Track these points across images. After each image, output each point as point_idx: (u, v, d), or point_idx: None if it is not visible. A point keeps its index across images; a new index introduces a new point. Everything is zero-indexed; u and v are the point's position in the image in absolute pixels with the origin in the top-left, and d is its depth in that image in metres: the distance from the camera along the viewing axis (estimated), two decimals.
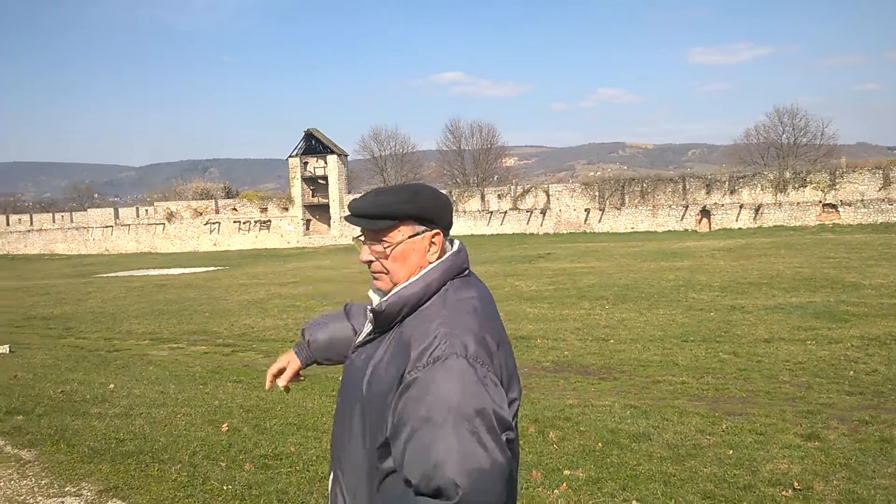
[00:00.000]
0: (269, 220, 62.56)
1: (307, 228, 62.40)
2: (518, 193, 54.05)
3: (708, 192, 47.75)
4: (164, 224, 64.80)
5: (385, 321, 1.72)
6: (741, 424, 6.02)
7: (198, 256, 52.99)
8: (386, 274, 1.75)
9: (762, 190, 45.93)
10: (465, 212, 55.77)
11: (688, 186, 48.60)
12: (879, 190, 43.18)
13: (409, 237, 1.73)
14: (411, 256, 1.74)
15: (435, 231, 1.76)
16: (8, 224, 70.06)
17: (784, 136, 66.23)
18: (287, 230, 62.04)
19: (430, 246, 1.75)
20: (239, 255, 51.95)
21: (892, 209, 41.33)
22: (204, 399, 7.53)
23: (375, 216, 1.74)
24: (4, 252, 67.76)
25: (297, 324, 13.98)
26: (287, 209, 62.47)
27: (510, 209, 53.47)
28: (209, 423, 6.38)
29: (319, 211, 62.66)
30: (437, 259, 1.76)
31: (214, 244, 62.93)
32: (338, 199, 60.65)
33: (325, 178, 61.81)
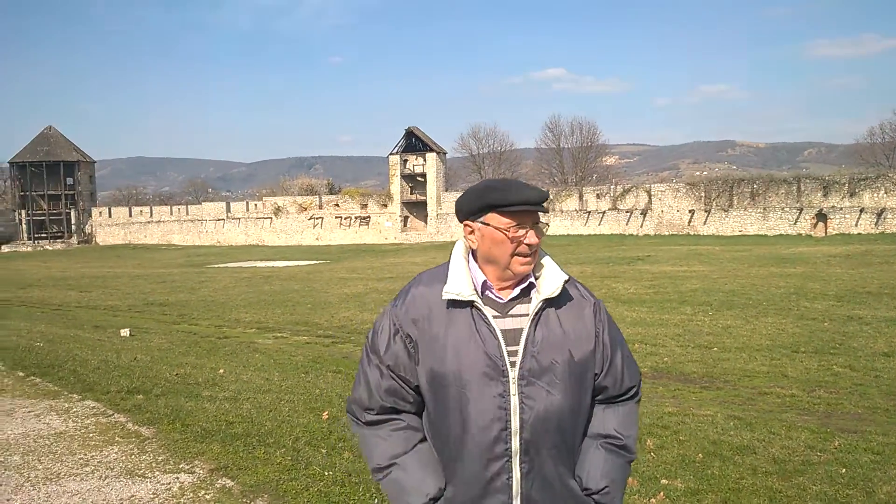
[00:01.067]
0: (369, 217, 64.14)
1: (404, 225, 63.53)
2: (618, 193, 52.79)
3: (825, 195, 44.90)
4: (271, 218, 67.74)
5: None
6: (856, 442, 5.65)
7: (301, 250, 55.10)
8: (537, 252, 1.94)
9: (886, 193, 42.72)
10: (562, 211, 55.04)
11: (803, 188, 45.88)
12: None
13: None
14: None
15: None
16: (130, 215, 75.42)
17: None
18: (385, 226, 63.39)
19: None
20: (339, 249, 53.57)
21: None
22: (305, 387, 7.83)
23: (546, 199, 1.93)
24: (126, 241, 72.96)
25: None
26: (386, 206, 63.82)
27: (609, 209, 52.33)
28: (311, 410, 6.63)
29: (417, 208, 63.63)
30: None
31: (317, 238, 65.20)
32: (435, 197, 61.36)
33: (423, 175, 62.68)
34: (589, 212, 53.65)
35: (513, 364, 1.87)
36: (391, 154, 64.32)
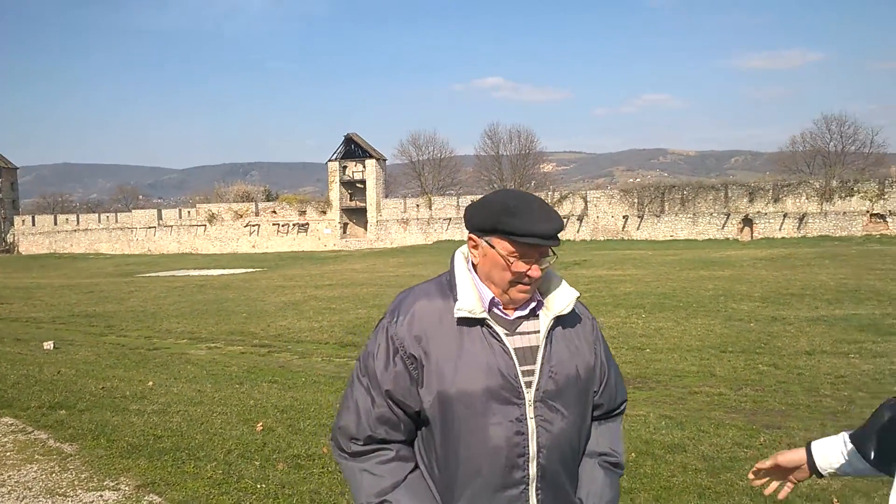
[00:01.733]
0: (307, 224, 63.35)
1: (344, 232, 63.02)
2: (555, 199, 53.72)
3: (751, 201, 46.81)
4: (205, 226, 66.09)
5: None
6: (780, 438, 5.88)
7: (237, 258, 53.93)
8: (537, 283, 1.82)
9: (807, 199, 44.87)
10: None
11: (730, 194, 47.72)
12: None
13: None
14: None
15: None
16: (55, 223, 72.28)
17: (831, 143, 64.82)
18: (324, 233, 62.72)
19: None
20: (277, 257, 52.67)
21: None
22: (240, 398, 7.64)
23: (561, 230, 1.80)
24: (52, 251, 69.90)
25: (333, 326, 14.12)
26: (325, 212, 63.17)
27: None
28: (244, 422, 6.47)
29: (356, 214, 63.22)
30: None
31: (253, 246, 63.96)
32: (375, 203, 61.10)
33: (363, 182, 62.35)
34: None
35: (528, 385, 1.77)
36: (330, 160, 63.76)
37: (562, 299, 1.85)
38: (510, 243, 1.75)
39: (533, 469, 1.77)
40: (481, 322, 1.77)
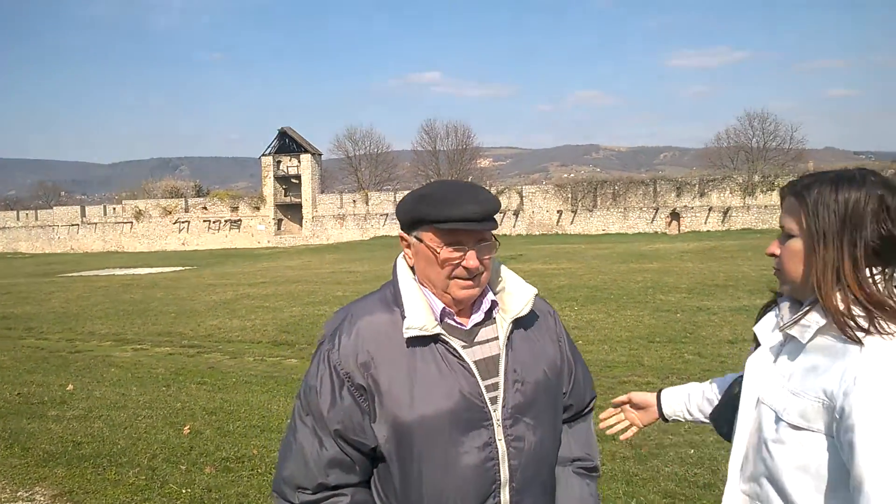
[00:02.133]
0: (240, 220, 61.99)
1: (278, 228, 61.94)
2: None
3: (678, 195, 48.37)
4: (131, 223, 63.85)
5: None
6: (702, 425, 6.08)
7: (165, 256, 52.27)
8: (485, 273, 1.60)
9: (731, 193, 46.68)
10: None
11: (658, 189, 49.20)
12: None
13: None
14: None
15: None
16: None
17: (754, 139, 67.55)
18: (258, 230, 61.50)
19: None
20: (208, 254, 51.33)
21: None
22: (166, 401, 7.40)
23: (495, 213, 1.59)
24: None
25: (266, 324, 13.85)
26: (258, 208, 61.94)
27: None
28: (171, 425, 6.28)
29: (291, 210, 62.23)
30: None
31: (183, 243, 62.15)
32: (310, 199, 60.28)
33: (298, 177, 61.42)
34: None
35: (493, 401, 1.57)
36: (264, 155, 62.54)
37: (518, 299, 1.66)
38: (435, 232, 1.55)
39: (505, 495, 1.58)
40: (435, 338, 1.56)
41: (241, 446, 5.54)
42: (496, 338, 1.62)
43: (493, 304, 1.65)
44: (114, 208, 66.00)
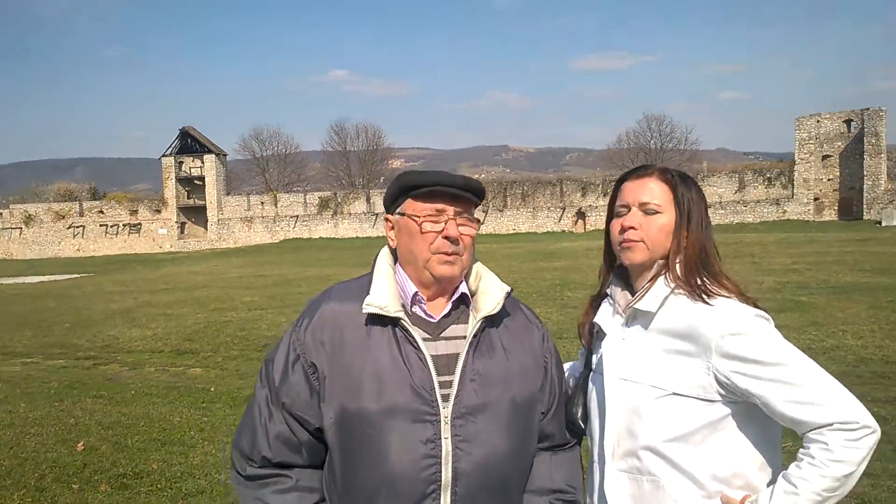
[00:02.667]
0: (140, 224, 59.34)
1: (182, 232, 59.68)
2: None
3: (583, 195, 50.00)
4: (20, 228, 59.85)
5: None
6: None
7: (59, 263, 49.33)
8: (461, 256, 1.57)
9: None
10: (350, 214, 55.31)
11: (565, 189, 50.70)
12: (735, 192, 46.89)
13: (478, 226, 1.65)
14: (473, 246, 1.64)
15: None
16: None
17: (652, 141, 70.54)
18: (159, 234, 59.03)
19: None
20: (106, 260, 48.85)
21: (746, 210, 44.98)
22: (58, 417, 6.98)
23: (479, 193, 1.60)
24: None
25: (168, 333, 13.31)
26: (160, 211, 59.48)
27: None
28: (62, 442, 5.93)
29: (196, 213, 60.10)
30: None
31: (78, 249, 58.87)
32: (215, 201, 58.43)
33: (201, 178, 59.38)
34: (377, 214, 54.44)
35: (445, 398, 1.51)
36: (165, 155, 60.12)
37: (491, 298, 1.60)
38: (417, 199, 1.56)
39: (446, 499, 1.50)
40: (395, 323, 1.53)
41: (140, 461, 5.30)
42: (464, 336, 1.57)
43: (464, 297, 1.61)
44: (0, 213, 61.67)
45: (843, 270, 17.56)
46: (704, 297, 1.54)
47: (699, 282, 1.57)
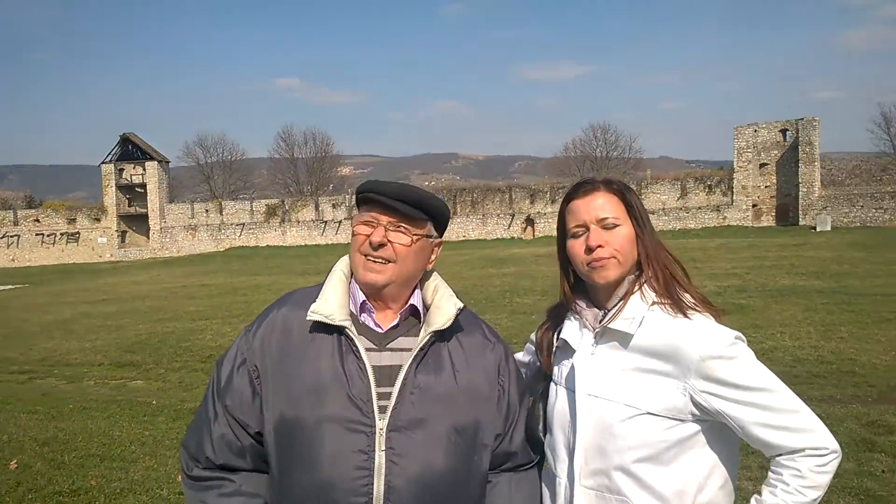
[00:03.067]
0: (79, 232, 57.35)
1: (122, 241, 57.93)
2: (353, 203, 53.88)
3: (532, 202, 50.55)
4: None
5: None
6: None
7: None
8: (393, 264, 1.55)
9: None
10: (298, 221, 54.62)
11: (514, 196, 51.18)
12: (678, 200, 48.13)
13: (426, 236, 1.61)
14: (421, 256, 1.61)
15: (439, 241, 1.68)
16: None
17: (598, 149, 71.86)
18: (99, 243, 57.13)
19: (432, 254, 1.66)
20: (41, 270, 47.04)
21: (688, 217, 46.20)
22: None
23: (420, 205, 1.57)
24: None
25: (108, 345, 12.89)
26: (99, 220, 57.61)
27: (345, 218, 53.17)
28: None
29: (137, 221, 58.42)
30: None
31: (12, 259, 56.50)
32: (158, 209, 56.93)
33: (143, 186, 57.79)
34: (325, 221, 53.94)
35: (383, 410, 1.48)
36: (104, 162, 58.30)
37: (443, 312, 1.58)
38: (359, 208, 1.61)
39: None
40: (341, 331, 1.52)
41: (77, 478, 5.09)
42: (411, 349, 1.54)
43: (414, 309, 1.60)
44: None
45: (780, 274, 18.21)
46: (683, 312, 1.55)
47: (677, 295, 1.58)
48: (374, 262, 1.53)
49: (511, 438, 1.64)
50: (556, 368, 1.71)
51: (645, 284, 1.59)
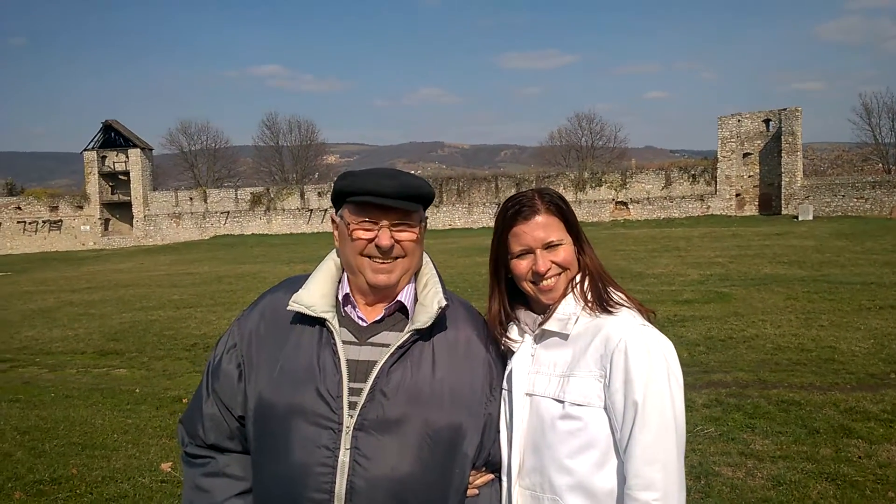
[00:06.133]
0: (61, 220, 56.74)
1: (106, 228, 57.39)
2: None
3: (518, 191, 50.62)
4: None
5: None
6: None
7: None
8: (401, 259, 1.52)
9: (564, 189, 49.48)
10: (283, 210, 54.31)
11: (500, 185, 51.17)
12: (662, 189, 48.34)
13: (423, 220, 1.58)
14: (422, 242, 1.58)
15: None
16: None
17: (583, 139, 71.99)
18: (82, 230, 56.57)
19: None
20: (23, 259, 46.51)
21: (672, 206, 46.46)
22: None
23: (418, 198, 1.52)
24: None
25: (91, 333, 12.78)
26: (82, 207, 57.00)
27: (331, 207, 52.93)
28: None
29: (120, 209, 57.88)
30: None
31: None
32: (141, 197, 56.40)
33: (126, 173, 57.20)
34: (311, 210, 53.66)
35: (352, 406, 1.44)
36: (86, 150, 57.58)
37: (426, 311, 1.51)
38: (351, 208, 1.51)
39: None
40: (322, 323, 1.50)
41: (58, 467, 5.06)
42: (391, 345, 1.49)
43: (400, 305, 1.55)
44: None
45: (763, 263, 18.36)
46: (610, 309, 1.60)
47: (606, 294, 1.63)
48: (383, 263, 1.50)
49: (499, 448, 1.61)
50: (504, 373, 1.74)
51: (577, 286, 1.64)
